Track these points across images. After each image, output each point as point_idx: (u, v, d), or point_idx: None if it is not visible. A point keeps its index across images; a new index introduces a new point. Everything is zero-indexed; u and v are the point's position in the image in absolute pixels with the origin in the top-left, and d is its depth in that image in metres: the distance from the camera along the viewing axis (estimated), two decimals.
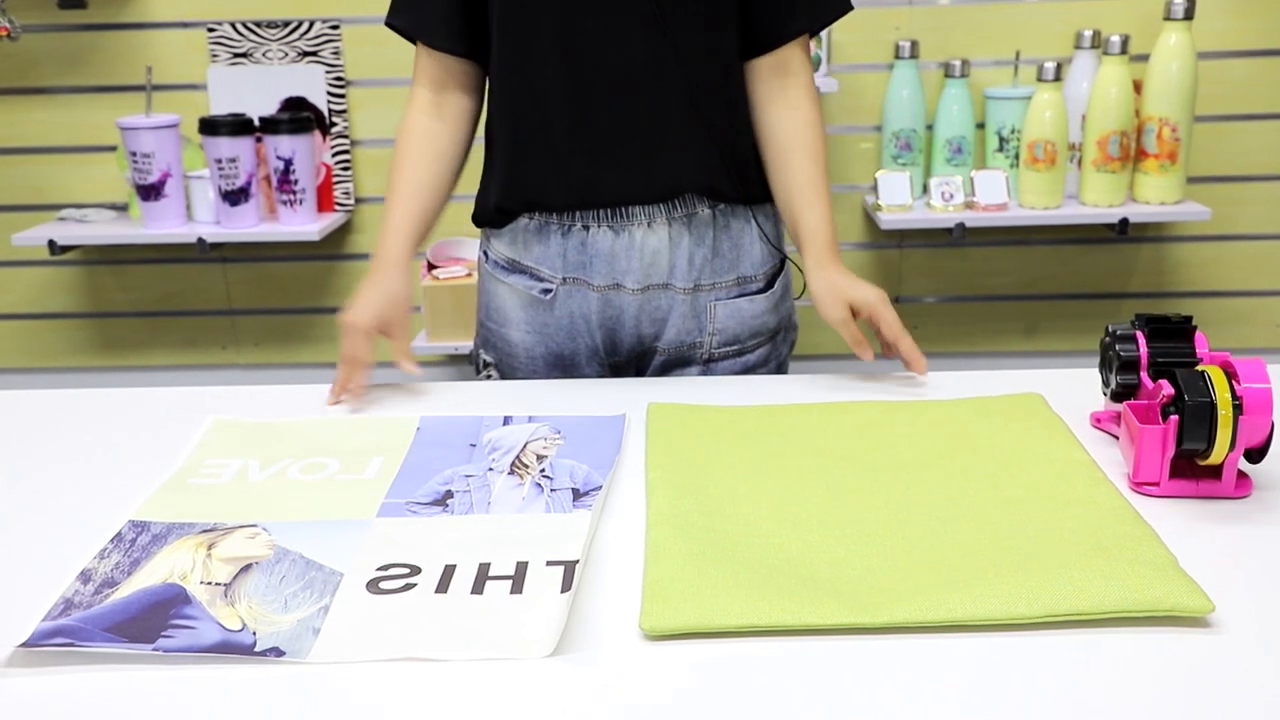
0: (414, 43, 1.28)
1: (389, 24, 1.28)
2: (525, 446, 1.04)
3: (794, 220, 1.25)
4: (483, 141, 1.30)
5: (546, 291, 1.27)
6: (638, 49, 1.17)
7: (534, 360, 1.30)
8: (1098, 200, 2.28)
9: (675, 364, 1.31)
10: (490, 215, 1.30)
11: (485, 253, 1.34)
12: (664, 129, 1.21)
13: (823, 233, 1.23)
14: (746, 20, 1.23)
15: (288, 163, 2.29)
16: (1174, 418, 0.90)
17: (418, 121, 1.28)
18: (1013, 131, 2.30)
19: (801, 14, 1.23)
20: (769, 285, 1.32)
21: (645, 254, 1.24)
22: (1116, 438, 1.04)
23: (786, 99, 1.25)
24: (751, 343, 1.31)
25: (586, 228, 1.24)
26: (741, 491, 0.94)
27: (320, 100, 2.43)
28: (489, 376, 1.34)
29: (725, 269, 1.27)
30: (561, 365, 1.30)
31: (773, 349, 1.35)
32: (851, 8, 1.26)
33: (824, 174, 1.25)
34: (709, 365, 1.31)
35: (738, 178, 1.25)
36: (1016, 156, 2.31)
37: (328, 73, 2.42)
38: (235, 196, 2.30)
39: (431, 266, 2.41)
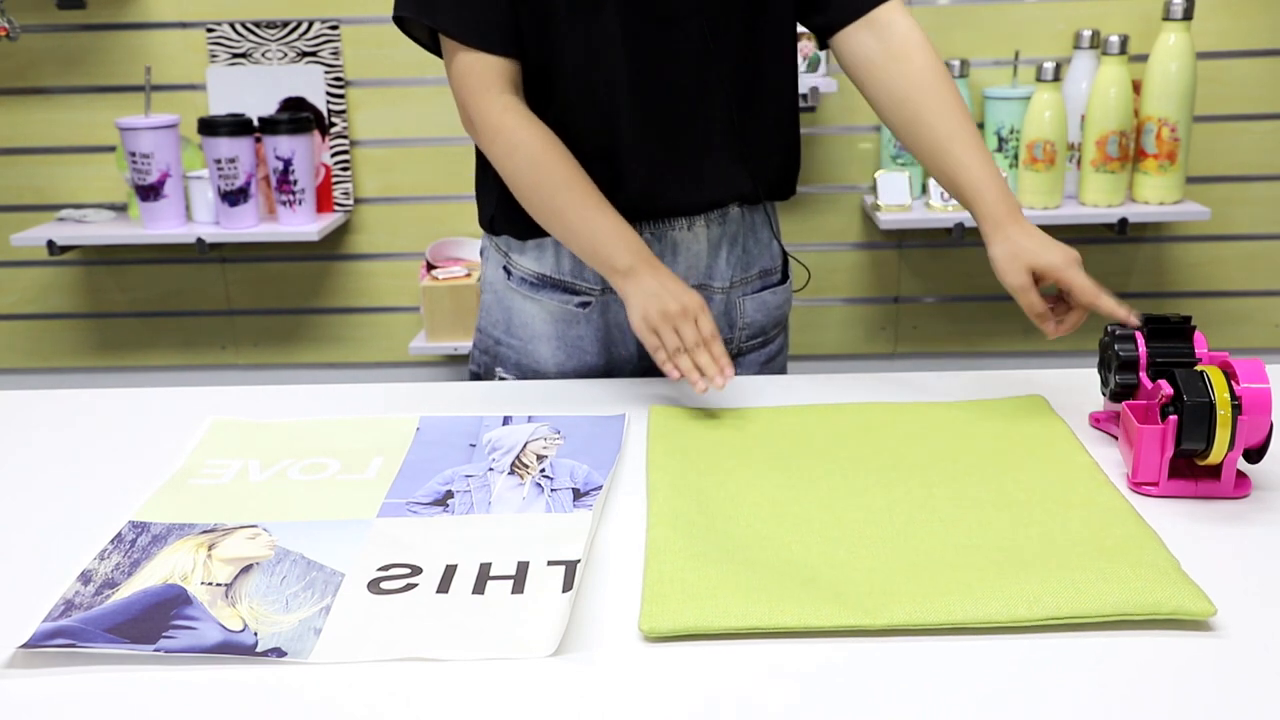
0: (438, 53, 1.20)
1: (441, 28, 1.16)
2: (525, 446, 1.04)
3: (953, 183, 1.14)
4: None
5: (584, 305, 1.26)
6: (689, 67, 1.17)
7: (565, 376, 1.29)
8: (1097, 200, 2.28)
9: None
10: (523, 227, 1.23)
11: (506, 269, 1.28)
12: (711, 144, 1.21)
13: (989, 190, 1.11)
14: (813, 6, 1.20)
15: (287, 163, 2.29)
16: (1173, 418, 0.90)
17: (535, 127, 1.16)
18: (1012, 131, 2.30)
19: None
20: (785, 275, 1.34)
21: (688, 258, 1.25)
22: (1115, 438, 1.04)
23: (890, 52, 1.17)
24: (774, 332, 1.34)
25: None
26: (742, 493, 0.94)
27: (319, 100, 2.43)
28: None
29: (751, 264, 1.29)
30: (594, 377, 1.29)
31: (786, 337, 1.37)
32: None
33: (964, 123, 1.14)
34: (737, 359, 1.32)
35: (767, 184, 1.27)
36: (1016, 156, 2.31)
37: (327, 73, 2.42)
38: (234, 197, 2.30)
39: (430, 266, 2.41)
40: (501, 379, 1.32)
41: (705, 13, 1.16)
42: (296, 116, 2.30)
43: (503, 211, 1.25)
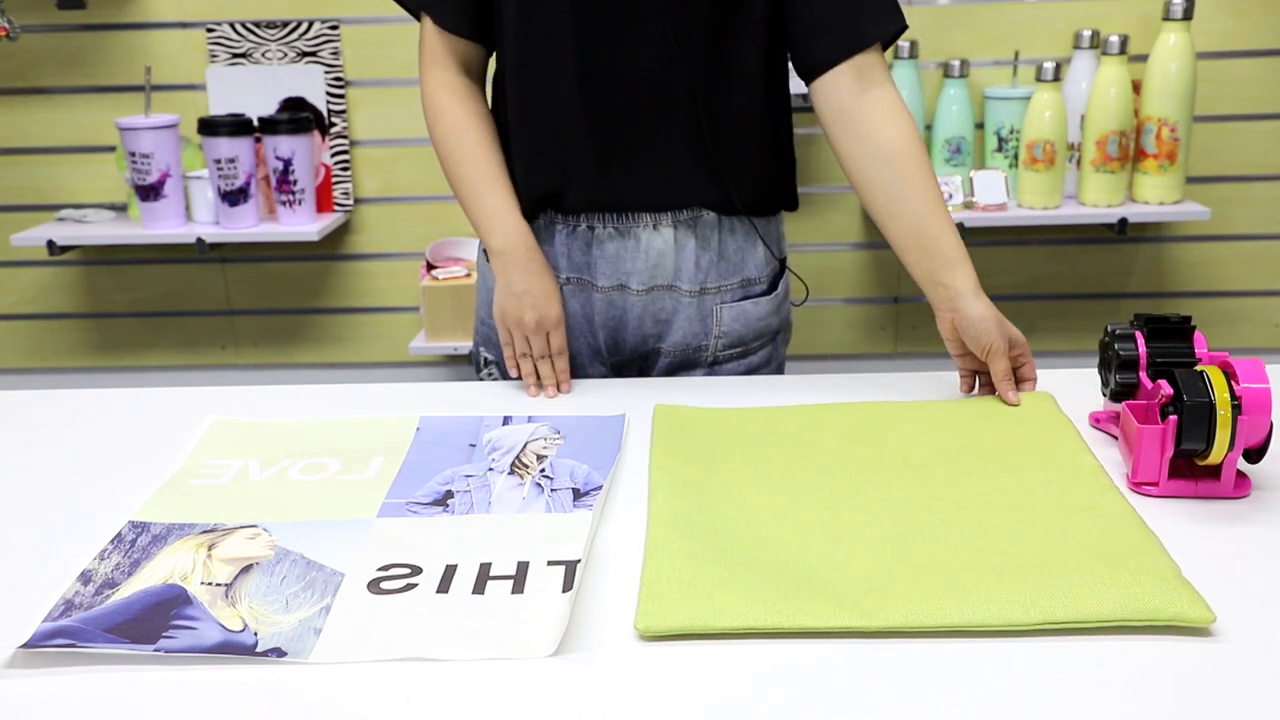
0: (417, 19, 1.25)
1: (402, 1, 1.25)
2: (525, 446, 1.04)
3: (929, 241, 1.14)
4: None
5: None
6: (650, 66, 1.18)
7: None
8: (1097, 200, 2.28)
9: (680, 366, 1.31)
10: None
11: (485, 252, 1.33)
12: (672, 145, 1.21)
13: (966, 257, 1.15)
14: (802, 35, 1.18)
15: (287, 163, 2.29)
16: (1173, 418, 0.90)
17: (463, 103, 1.24)
18: (1012, 131, 2.30)
19: (869, 21, 1.16)
20: (772, 287, 1.32)
21: (650, 255, 1.24)
22: (1116, 438, 1.04)
23: (882, 111, 1.16)
24: (755, 344, 1.32)
25: (592, 228, 1.24)
26: (743, 493, 0.94)
27: (319, 100, 2.43)
28: (490, 374, 1.34)
29: (730, 272, 1.27)
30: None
31: (774, 350, 1.35)
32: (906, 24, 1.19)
33: (939, 196, 1.16)
34: (713, 367, 1.31)
35: (744, 196, 1.25)
36: (1015, 156, 2.31)
37: (327, 73, 2.42)
38: (234, 197, 2.30)
39: (430, 266, 2.41)
40: (486, 360, 1.33)
41: (670, 12, 1.16)
42: (296, 116, 2.30)
43: None
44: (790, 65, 1.25)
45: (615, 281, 1.25)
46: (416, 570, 0.83)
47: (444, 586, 0.80)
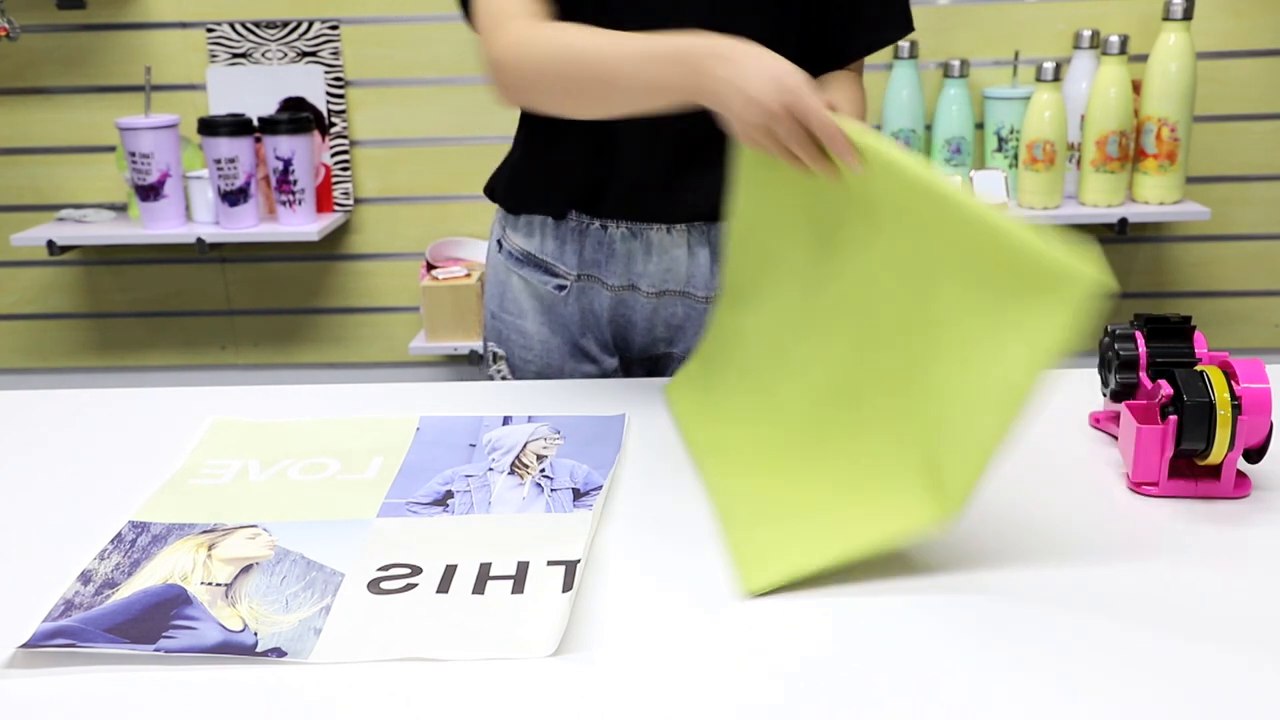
0: None
1: None
2: (525, 446, 1.05)
3: None
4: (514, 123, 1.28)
5: (561, 288, 1.27)
6: None
7: (549, 351, 1.30)
8: (1097, 200, 2.28)
9: None
10: (514, 200, 1.28)
11: (499, 242, 1.32)
12: (694, 159, 1.20)
13: None
14: (805, 43, 1.20)
15: (287, 163, 2.30)
16: (1173, 418, 0.90)
17: (554, 23, 1.07)
18: (1012, 131, 2.30)
19: (861, 38, 1.22)
20: None
21: (663, 259, 1.25)
22: (1115, 437, 1.04)
23: (830, 91, 1.16)
24: None
25: (604, 227, 1.24)
26: (762, 444, 0.99)
27: (319, 100, 2.43)
28: (499, 371, 1.34)
29: None
30: (576, 354, 1.30)
31: None
32: (912, 28, 1.23)
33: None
34: None
35: None
36: (1015, 156, 2.31)
37: (327, 73, 2.42)
38: (234, 197, 2.30)
39: (430, 266, 2.41)
40: (496, 356, 1.34)
41: (714, 25, 1.15)
42: (296, 116, 2.30)
43: (503, 179, 1.29)
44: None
45: (625, 281, 1.26)
46: (416, 570, 0.83)
47: (444, 586, 0.80)
